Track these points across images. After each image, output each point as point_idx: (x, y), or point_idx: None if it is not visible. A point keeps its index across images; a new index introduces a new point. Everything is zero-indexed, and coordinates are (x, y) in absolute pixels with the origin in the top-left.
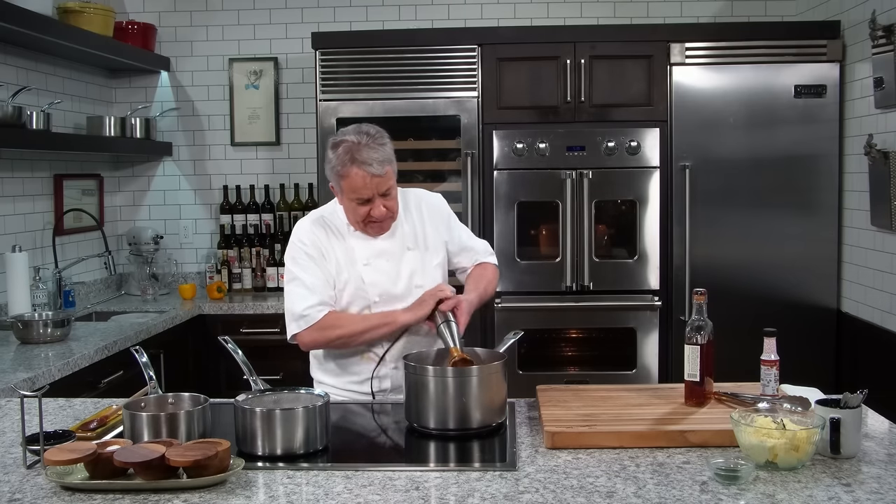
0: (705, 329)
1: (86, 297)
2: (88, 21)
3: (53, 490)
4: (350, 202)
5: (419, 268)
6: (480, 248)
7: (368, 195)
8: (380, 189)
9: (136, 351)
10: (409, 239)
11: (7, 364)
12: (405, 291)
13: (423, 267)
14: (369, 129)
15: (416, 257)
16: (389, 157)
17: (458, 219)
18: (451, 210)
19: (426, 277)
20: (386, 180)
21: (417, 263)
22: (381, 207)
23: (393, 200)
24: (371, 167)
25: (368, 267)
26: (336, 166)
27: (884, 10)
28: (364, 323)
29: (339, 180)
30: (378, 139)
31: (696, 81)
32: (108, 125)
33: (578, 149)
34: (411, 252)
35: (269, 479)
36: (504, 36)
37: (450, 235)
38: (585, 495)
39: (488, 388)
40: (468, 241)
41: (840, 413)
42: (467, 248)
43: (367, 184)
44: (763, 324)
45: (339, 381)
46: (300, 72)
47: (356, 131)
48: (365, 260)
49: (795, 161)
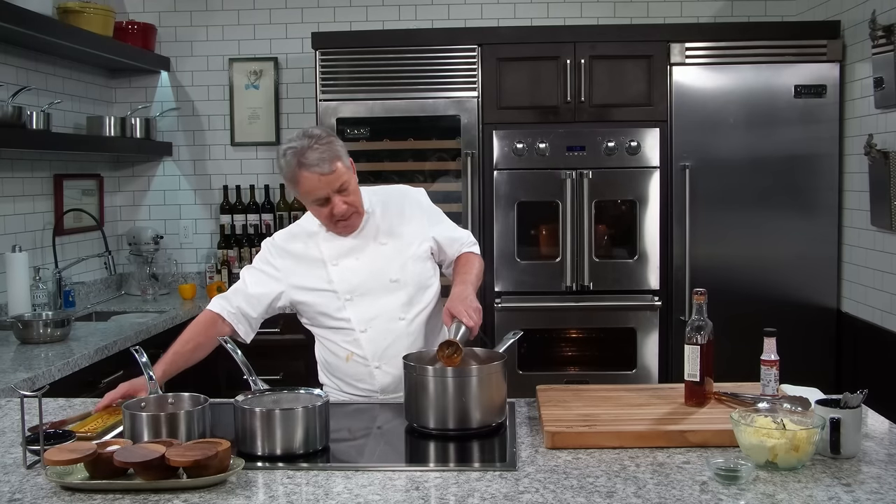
0: (705, 329)
1: (86, 297)
2: (88, 21)
3: (53, 490)
4: (311, 205)
5: (394, 263)
6: (465, 238)
7: (324, 195)
8: (333, 186)
9: (135, 351)
10: (382, 234)
11: (7, 364)
12: (378, 287)
13: (399, 261)
14: (313, 132)
15: (389, 252)
16: (337, 154)
17: (441, 212)
18: (432, 203)
19: (404, 272)
20: (338, 177)
21: (391, 258)
22: (342, 204)
23: (352, 195)
24: (318, 167)
25: (336, 267)
26: (287, 174)
27: (884, 10)
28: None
29: (294, 187)
30: (322, 140)
31: (696, 81)
32: (108, 125)
33: (578, 149)
34: (384, 247)
35: (268, 479)
36: (504, 36)
37: (435, 228)
38: (585, 495)
39: (488, 388)
40: (453, 233)
41: (840, 413)
42: (454, 239)
43: (319, 184)
44: (763, 324)
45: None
46: (300, 72)
47: (300, 136)
48: (333, 260)
49: (795, 161)
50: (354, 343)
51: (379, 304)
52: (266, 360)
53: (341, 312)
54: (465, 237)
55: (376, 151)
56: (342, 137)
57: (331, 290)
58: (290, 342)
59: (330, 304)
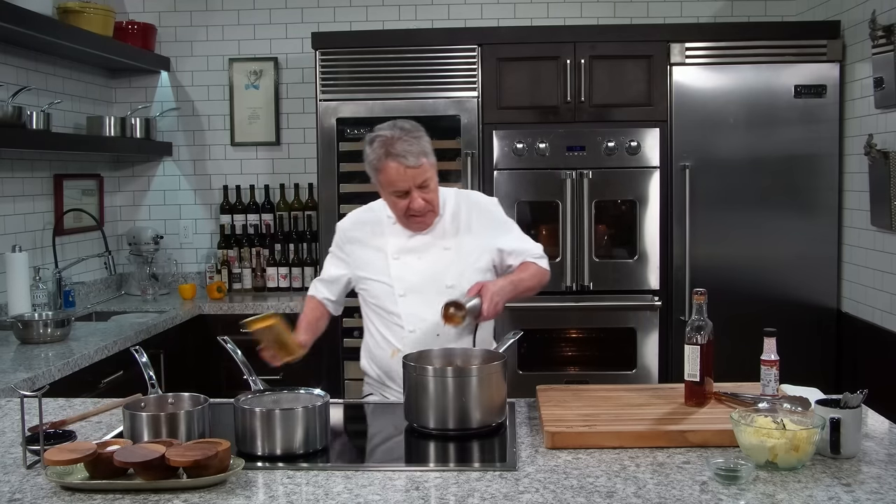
0: (705, 329)
1: (86, 297)
2: (88, 21)
3: (53, 490)
4: (389, 196)
5: (453, 268)
6: (532, 250)
7: (405, 187)
8: (416, 181)
9: (136, 351)
10: (448, 238)
11: (7, 364)
12: (433, 290)
13: (458, 268)
14: (404, 125)
15: (451, 257)
16: (425, 151)
17: (513, 223)
18: (504, 213)
19: (460, 279)
20: (422, 172)
21: (451, 264)
22: (420, 200)
23: (432, 193)
24: (405, 159)
25: (398, 261)
26: (372, 161)
27: (884, 10)
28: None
29: (376, 174)
30: (413, 133)
31: (696, 81)
32: (108, 125)
33: (578, 149)
34: (447, 252)
35: (268, 479)
36: (504, 36)
37: (501, 239)
38: (585, 495)
39: (488, 388)
40: (520, 244)
41: (840, 413)
42: (520, 251)
43: (402, 176)
44: (763, 324)
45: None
46: (300, 72)
47: (391, 126)
48: (396, 254)
49: (795, 161)
50: (402, 341)
51: (431, 307)
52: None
53: (394, 307)
54: (532, 249)
55: None
56: (342, 137)
57: (388, 284)
58: None
59: (385, 297)
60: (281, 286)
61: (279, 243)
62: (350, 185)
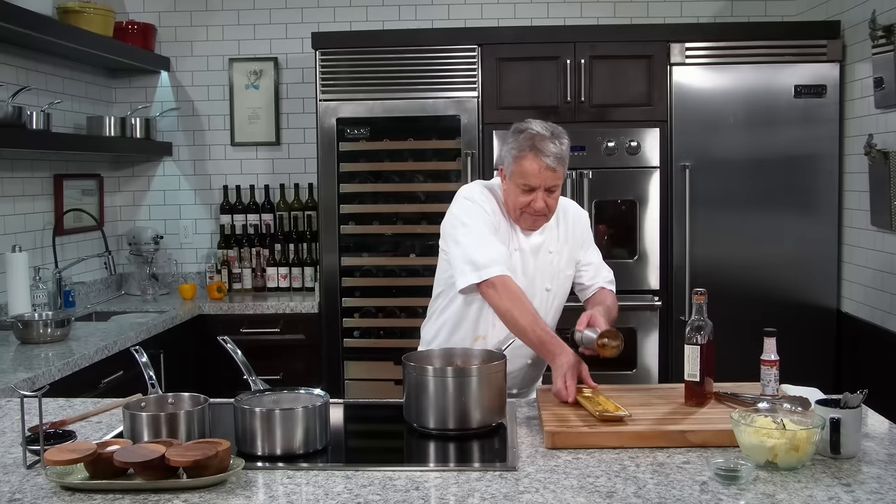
0: (705, 329)
1: (86, 297)
2: (88, 21)
3: (53, 490)
4: (515, 187)
5: (553, 273)
6: (605, 273)
7: (536, 184)
8: (547, 183)
9: (136, 351)
10: (553, 243)
11: (7, 364)
12: (533, 290)
13: (557, 273)
14: (554, 128)
15: (553, 262)
16: (565, 158)
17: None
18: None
19: (557, 284)
20: (556, 177)
21: (553, 268)
22: (542, 202)
23: (554, 200)
24: (548, 158)
25: (516, 252)
26: (514, 149)
27: (884, 10)
28: (527, 319)
29: (513, 163)
30: (560, 137)
31: (696, 81)
32: (108, 125)
33: (578, 149)
34: (551, 255)
35: (268, 479)
36: (504, 36)
37: (585, 252)
38: (585, 495)
39: (488, 388)
40: (596, 259)
41: (840, 413)
42: (593, 265)
43: (538, 173)
44: (763, 324)
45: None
46: (300, 72)
47: (542, 124)
48: (516, 245)
49: (795, 161)
50: (489, 330)
51: None
52: (266, 360)
53: None
54: (604, 272)
55: (376, 151)
56: (342, 137)
57: None
58: (291, 342)
59: None
60: (281, 286)
61: (279, 243)
62: (350, 185)
